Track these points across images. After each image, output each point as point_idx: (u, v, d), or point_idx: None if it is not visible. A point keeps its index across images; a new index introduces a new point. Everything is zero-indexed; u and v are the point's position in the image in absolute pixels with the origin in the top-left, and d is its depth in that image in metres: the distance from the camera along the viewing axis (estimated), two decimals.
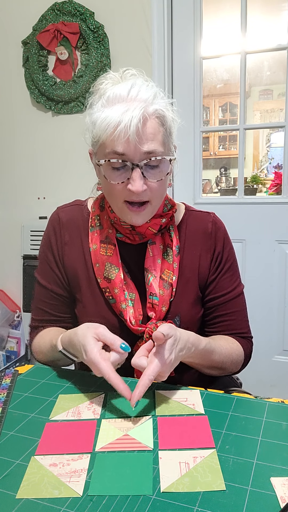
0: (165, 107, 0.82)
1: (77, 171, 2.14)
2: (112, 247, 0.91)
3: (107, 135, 0.78)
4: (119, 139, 0.77)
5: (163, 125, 0.81)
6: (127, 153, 0.78)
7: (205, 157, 4.81)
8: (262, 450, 0.62)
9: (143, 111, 0.76)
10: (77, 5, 2.02)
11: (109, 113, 0.78)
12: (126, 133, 0.76)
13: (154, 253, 0.91)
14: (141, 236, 0.91)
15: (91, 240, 0.93)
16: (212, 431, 0.67)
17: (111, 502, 0.53)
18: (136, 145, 0.77)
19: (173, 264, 0.92)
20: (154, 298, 0.89)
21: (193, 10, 1.96)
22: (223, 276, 0.97)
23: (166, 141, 0.82)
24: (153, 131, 0.79)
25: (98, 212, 0.95)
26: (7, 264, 2.39)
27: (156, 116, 0.80)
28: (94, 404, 0.77)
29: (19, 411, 0.75)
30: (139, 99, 0.78)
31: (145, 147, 0.78)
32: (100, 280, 0.91)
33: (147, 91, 0.79)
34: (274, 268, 2.02)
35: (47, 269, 0.98)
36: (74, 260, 0.95)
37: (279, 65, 3.71)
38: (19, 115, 2.27)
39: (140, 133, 0.76)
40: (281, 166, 2.32)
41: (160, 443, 0.64)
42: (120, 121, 0.76)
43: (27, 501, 0.54)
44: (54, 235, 0.97)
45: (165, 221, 0.91)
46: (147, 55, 1.97)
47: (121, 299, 0.88)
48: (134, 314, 0.89)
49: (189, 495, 0.54)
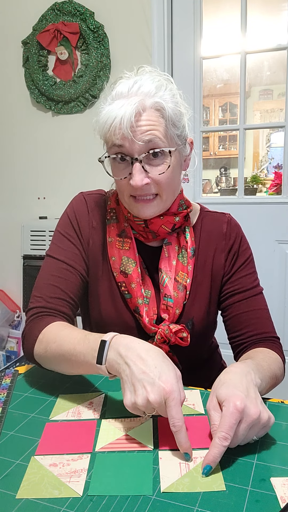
0: (170, 99, 0.81)
1: (77, 171, 2.14)
2: (128, 241, 0.90)
3: (105, 131, 0.80)
4: (115, 133, 0.78)
5: (163, 116, 0.80)
6: (126, 145, 0.79)
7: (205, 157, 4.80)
8: (262, 450, 0.62)
9: (137, 104, 0.77)
10: (77, 5, 2.02)
11: (108, 109, 0.79)
12: (120, 127, 0.77)
13: (169, 254, 0.90)
14: (154, 234, 0.89)
15: (108, 233, 0.93)
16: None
17: (111, 502, 0.53)
18: (133, 136, 0.77)
19: (187, 266, 0.91)
20: (168, 300, 0.88)
21: (193, 10, 1.96)
22: (241, 272, 0.94)
23: (169, 133, 0.81)
24: (151, 123, 0.79)
25: (114, 206, 0.95)
26: (7, 264, 2.39)
27: (155, 109, 0.79)
28: (94, 404, 0.77)
29: (19, 411, 0.75)
30: (140, 93, 0.79)
31: (141, 140, 0.78)
32: (116, 274, 0.90)
33: (149, 85, 0.79)
34: (274, 268, 2.02)
35: (68, 245, 0.91)
36: (98, 247, 0.93)
37: (279, 65, 3.71)
38: (19, 115, 2.27)
39: (134, 126, 0.77)
40: (281, 166, 2.32)
41: (160, 443, 0.64)
42: (115, 116, 0.77)
43: (27, 501, 0.54)
44: (82, 215, 0.93)
45: (179, 220, 0.90)
46: (147, 55, 1.97)
47: (137, 294, 0.87)
48: (148, 312, 0.88)
49: (189, 495, 0.54)
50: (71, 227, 0.93)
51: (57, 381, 0.86)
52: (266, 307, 0.95)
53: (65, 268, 0.89)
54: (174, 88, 0.84)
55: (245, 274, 0.95)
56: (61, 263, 0.90)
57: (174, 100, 0.82)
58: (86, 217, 0.93)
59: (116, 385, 0.83)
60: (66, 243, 0.92)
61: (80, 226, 0.93)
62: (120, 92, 0.80)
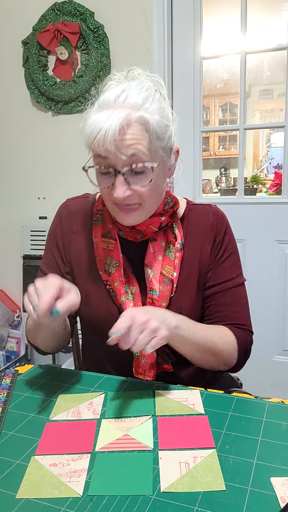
0: (156, 111, 0.81)
1: (77, 171, 2.13)
2: (113, 242, 0.92)
3: (90, 140, 0.80)
4: (99, 145, 0.78)
5: (147, 130, 0.80)
6: (109, 157, 0.79)
7: (205, 157, 4.80)
8: (262, 450, 0.62)
9: (122, 119, 0.76)
10: (77, 5, 2.02)
11: (94, 119, 0.79)
12: (104, 141, 0.77)
13: (155, 250, 0.92)
14: (141, 234, 0.91)
15: (94, 233, 0.95)
16: (212, 431, 0.67)
17: (111, 502, 0.53)
18: (117, 149, 0.78)
19: (174, 260, 0.92)
20: (153, 293, 0.89)
21: (193, 10, 1.96)
22: (222, 264, 0.95)
23: (153, 147, 0.81)
24: (135, 137, 0.79)
25: (101, 207, 0.97)
26: (7, 264, 2.39)
27: (140, 123, 0.79)
28: (94, 404, 0.77)
29: (19, 411, 0.75)
30: (126, 105, 0.78)
31: (124, 154, 0.78)
32: (102, 272, 0.92)
33: (136, 96, 0.79)
34: (274, 268, 2.02)
35: (50, 257, 0.99)
36: (81, 249, 0.96)
37: (279, 65, 3.71)
38: (19, 115, 2.27)
39: (117, 140, 0.77)
40: (281, 166, 2.32)
41: (160, 443, 0.64)
42: (101, 127, 0.77)
43: (27, 501, 0.54)
44: (61, 224, 0.99)
45: (165, 219, 0.92)
46: (147, 55, 1.97)
47: (121, 292, 0.90)
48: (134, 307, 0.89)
49: (189, 495, 0.54)
50: (53, 237, 0.99)
51: (57, 381, 0.86)
52: (243, 300, 0.96)
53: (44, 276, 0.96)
54: (161, 98, 0.83)
55: (227, 265, 0.95)
56: (42, 274, 0.98)
57: (160, 112, 0.82)
58: (66, 223, 0.98)
59: (116, 385, 0.83)
60: (49, 255, 0.99)
61: (57, 236, 0.98)
62: (107, 100, 0.79)
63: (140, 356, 0.88)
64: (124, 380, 0.85)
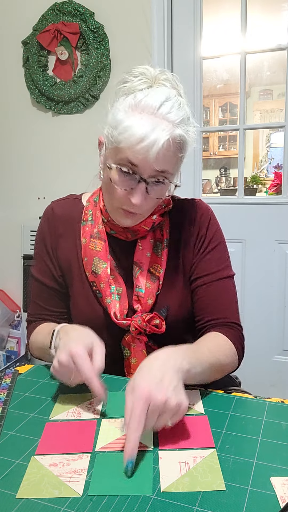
0: (192, 132, 0.82)
1: (77, 171, 2.14)
2: (101, 242, 0.92)
3: (127, 145, 0.77)
4: (139, 154, 0.76)
5: (181, 151, 0.81)
6: (140, 166, 0.78)
7: (205, 157, 4.80)
8: (262, 450, 0.62)
9: (169, 136, 0.76)
10: (77, 5, 2.02)
11: (135, 123, 0.76)
12: (147, 152, 0.75)
13: (143, 247, 0.92)
14: (133, 233, 0.92)
15: (82, 234, 0.95)
16: (212, 431, 0.67)
17: (111, 502, 0.53)
18: (151, 163, 0.77)
19: (161, 257, 0.92)
20: (139, 291, 0.89)
21: (193, 10, 1.96)
22: (206, 256, 0.93)
23: (177, 167, 0.84)
24: (171, 154, 0.79)
25: (92, 207, 0.96)
26: (7, 264, 2.39)
27: (178, 142, 0.79)
28: (94, 404, 0.77)
29: (19, 411, 0.75)
30: (168, 118, 0.77)
31: (159, 166, 0.78)
32: (88, 273, 0.92)
33: (177, 112, 0.78)
34: (274, 268, 2.02)
35: (41, 262, 0.99)
36: (68, 252, 0.96)
37: (279, 65, 3.71)
38: (19, 115, 2.27)
39: (159, 155, 0.76)
40: (281, 166, 2.32)
41: (160, 443, 0.64)
42: (144, 137, 0.75)
43: (27, 501, 0.54)
44: (47, 228, 0.98)
45: (157, 218, 0.91)
46: (147, 55, 1.97)
47: (106, 294, 0.89)
48: (120, 307, 0.89)
49: (189, 495, 0.54)
50: (41, 242, 0.99)
51: (57, 381, 0.86)
52: (230, 292, 0.93)
53: (44, 288, 0.99)
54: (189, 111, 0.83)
55: (211, 258, 0.93)
56: (40, 284, 0.99)
57: (193, 134, 0.82)
58: (52, 227, 0.97)
59: (116, 385, 0.83)
60: (40, 260, 0.99)
61: (46, 241, 0.98)
62: (148, 105, 0.76)
63: (130, 355, 0.89)
64: (124, 380, 0.85)
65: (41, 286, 0.99)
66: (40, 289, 0.99)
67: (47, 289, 0.98)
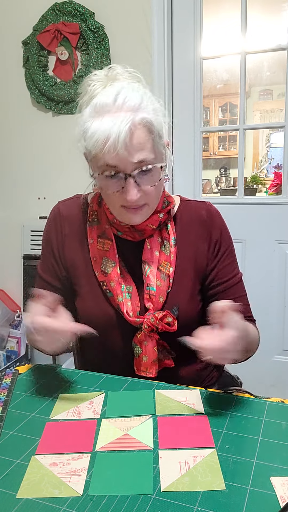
0: (152, 109, 0.81)
1: (77, 171, 2.13)
2: (109, 242, 0.92)
3: (97, 149, 0.79)
4: (109, 153, 0.78)
5: (152, 132, 0.81)
6: (119, 165, 0.79)
7: (205, 157, 4.80)
8: (262, 450, 0.62)
9: (130, 124, 0.77)
10: (77, 5, 2.02)
11: (98, 127, 0.78)
12: (115, 148, 0.77)
13: (151, 246, 0.93)
14: (140, 233, 0.92)
15: (89, 234, 0.95)
16: (212, 431, 0.67)
17: (111, 502, 0.53)
18: (126, 157, 0.78)
19: (170, 256, 0.93)
20: (151, 289, 0.89)
21: (193, 10, 1.96)
22: (224, 262, 0.96)
23: (156, 147, 0.83)
24: (142, 141, 0.80)
25: (96, 208, 0.97)
26: (7, 264, 2.39)
27: (143, 125, 0.79)
28: (94, 404, 0.77)
29: (19, 411, 0.75)
30: (126, 108, 0.78)
31: (135, 158, 0.79)
32: (98, 273, 0.92)
33: (133, 97, 0.79)
34: (274, 268, 2.02)
35: (46, 260, 0.99)
36: (75, 252, 0.96)
37: (279, 65, 3.71)
38: (19, 115, 2.27)
39: (128, 145, 0.77)
40: (281, 166, 2.32)
41: (160, 443, 0.64)
42: (108, 135, 0.76)
43: (27, 501, 0.54)
44: (54, 227, 0.99)
45: (163, 216, 0.92)
46: (147, 55, 1.97)
47: (117, 292, 0.89)
48: (131, 306, 0.89)
49: (189, 495, 0.54)
50: (47, 241, 0.99)
51: (57, 381, 0.86)
52: (245, 293, 0.99)
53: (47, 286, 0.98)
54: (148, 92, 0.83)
55: (227, 264, 0.97)
56: (44, 282, 0.99)
57: (155, 107, 0.82)
58: (59, 227, 0.98)
59: (116, 385, 0.83)
60: (45, 259, 1.00)
61: (52, 240, 0.98)
62: (104, 104, 0.78)
63: (142, 353, 0.89)
64: (124, 380, 0.85)
65: (45, 283, 0.99)
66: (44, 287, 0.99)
67: (50, 287, 0.99)
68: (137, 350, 0.90)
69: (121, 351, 0.92)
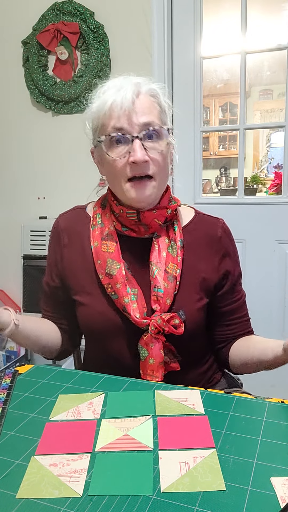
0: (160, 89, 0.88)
1: (77, 171, 2.14)
2: (113, 244, 0.92)
3: (104, 114, 0.84)
4: (116, 114, 0.83)
5: (158, 103, 0.87)
6: (125, 126, 0.83)
7: (205, 157, 4.80)
8: (262, 450, 0.62)
9: (135, 87, 0.83)
10: (77, 5, 2.02)
11: (104, 97, 0.84)
12: (122, 107, 0.81)
13: (159, 246, 0.92)
14: (146, 227, 0.91)
15: (93, 238, 0.94)
16: (212, 431, 0.67)
17: (111, 502, 0.53)
18: (133, 117, 0.82)
19: (177, 258, 0.92)
20: (158, 291, 0.89)
21: (193, 10, 1.96)
22: (238, 283, 1.00)
23: (163, 117, 0.87)
24: (148, 106, 0.85)
25: (100, 211, 0.97)
26: (7, 264, 2.39)
27: (150, 95, 0.86)
28: (94, 404, 0.77)
29: (19, 411, 0.75)
30: (134, 81, 0.86)
31: (142, 118, 0.83)
32: (102, 276, 0.91)
33: (139, 78, 0.88)
34: (274, 268, 2.02)
35: (47, 272, 1.03)
36: (74, 261, 0.96)
37: (279, 65, 3.71)
38: (19, 115, 2.27)
39: (135, 105, 0.82)
40: (281, 166, 2.32)
41: (160, 443, 0.64)
42: (114, 99, 0.82)
43: (27, 501, 0.54)
44: (53, 240, 1.01)
45: (171, 213, 0.93)
46: (147, 55, 1.97)
47: (123, 294, 0.88)
48: (138, 307, 0.88)
49: (189, 495, 0.54)
50: (49, 254, 1.03)
51: (57, 381, 0.86)
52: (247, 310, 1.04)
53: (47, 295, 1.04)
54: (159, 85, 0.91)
55: (239, 281, 1.01)
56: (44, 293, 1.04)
57: (163, 91, 0.89)
58: (57, 239, 1.00)
59: (116, 385, 0.83)
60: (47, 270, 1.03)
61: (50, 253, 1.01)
62: (112, 84, 0.86)
63: (148, 356, 0.88)
64: (124, 380, 0.85)
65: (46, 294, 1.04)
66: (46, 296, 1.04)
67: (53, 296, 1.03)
68: (143, 352, 0.88)
69: (126, 355, 0.91)
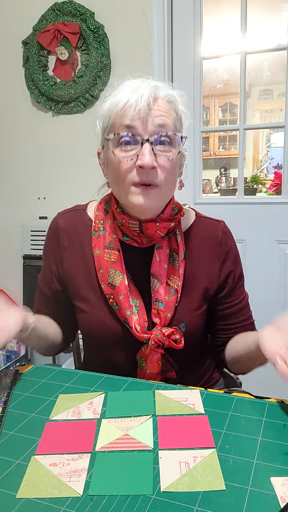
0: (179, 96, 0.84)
1: (77, 171, 2.14)
2: (116, 253, 0.88)
3: (116, 113, 0.79)
4: (129, 113, 0.78)
5: (174, 109, 0.82)
6: (137, 126, 0.78)
7: (205, 157, 4.80)
8: (262, 450, 0.62)
9: (153, 90, 0.78)
10: (77, 5, 2.02)
11: (118, 96, 0.80)
12: (136, 107, 0.77)
13: (161, 258, 0.89)
14: (148, 239, 0.88)
15: (95, 245, 0.91)
16: (212, 431, 0.67)
17: (111, 502, 0.53)
18: (146, 119, 0.77)
19: (179, 270, 0.90)
20: (159, 305, 0.87)
21: (193, 10, 1.96)
22: (238, 286, 0.98)
23: (178, 125, 0.82)
24: (165, 110, 0.80)
25: (102, 216, 0.93)
26: (7, 264, 2.39)
27: (167, 100, 0.81)
28: (94, 404, 0.77)
29: (19, 411, 0.75)
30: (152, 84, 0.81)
31: (156, 121, 0.78)
32: (104, 286, 0.88)
33: (159, 82, 0.82)
34: (274, 268, 2.02)
35: (44, 273, 0.99)
36: (74, 265, 0.93)
37: (279, 65, 3.71)
38: (19, 115, 2.27)
39: (150, 107, 0.77)
40: (281, 166, 2.32)
41: (160, 443, 0.64)
42: (129, 98, 0.77)
43: (27, 501, 0.54)
44: (52, 241, 0.96)
45: (173, 225, 0.89)
46: (147, 55, 1.97)
47: (125, 306, 0.86)
48: (139, 320, 0.86)
49: (189, 495, 0.54)
50: (46, 254, 0.98)
51: (57, 381, 0.86)
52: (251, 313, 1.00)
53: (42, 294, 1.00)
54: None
55: (241, 285, 0.98)
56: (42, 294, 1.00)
57: (182, 100, 0.84)
58: (57, 240, 0.95)
59: (116, 385, 0.83)
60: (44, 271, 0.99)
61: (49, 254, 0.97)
62: (130, 84, 0.81)
63: (146, 366, 0.88)
64: (124, 380, 0.85)
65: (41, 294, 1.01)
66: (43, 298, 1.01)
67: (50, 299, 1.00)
68: (142, 363, 0.88)
69: (124, 363, 0.91)
